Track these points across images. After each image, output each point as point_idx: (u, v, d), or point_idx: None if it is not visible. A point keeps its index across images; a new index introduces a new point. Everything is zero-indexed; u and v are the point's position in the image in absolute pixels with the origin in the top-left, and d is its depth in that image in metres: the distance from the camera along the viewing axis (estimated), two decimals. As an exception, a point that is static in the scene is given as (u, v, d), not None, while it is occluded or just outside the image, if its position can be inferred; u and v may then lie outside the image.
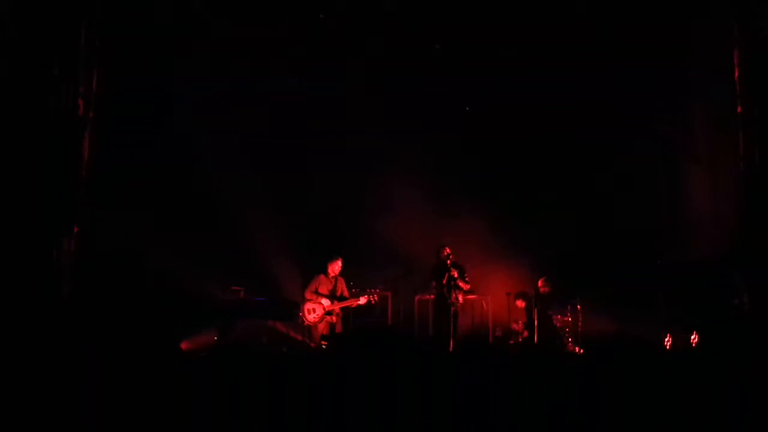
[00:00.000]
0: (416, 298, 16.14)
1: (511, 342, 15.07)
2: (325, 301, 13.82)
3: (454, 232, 15.12)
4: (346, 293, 14.06)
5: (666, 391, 6.10)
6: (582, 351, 13.88)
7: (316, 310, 13.87)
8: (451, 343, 13.71)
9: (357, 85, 16.07)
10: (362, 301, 13.95)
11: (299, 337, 14.42)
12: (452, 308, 14.05)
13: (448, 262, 14.16)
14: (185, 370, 6.16)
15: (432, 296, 14.78)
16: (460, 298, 14.28)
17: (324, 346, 13.00)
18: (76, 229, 11.27)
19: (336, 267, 14.13)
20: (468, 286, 14.43)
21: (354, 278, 14.61)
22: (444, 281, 14.13)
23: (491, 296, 15.90)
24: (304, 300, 14.02)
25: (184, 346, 10.70)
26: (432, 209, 16.00)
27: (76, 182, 11.37)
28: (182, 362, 6.54)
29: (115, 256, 12.92)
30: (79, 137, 11.42)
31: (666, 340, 13.12)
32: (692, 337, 12.40)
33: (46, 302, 10.50)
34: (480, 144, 16.99)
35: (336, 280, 14.11)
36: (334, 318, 13.91)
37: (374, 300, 14.14)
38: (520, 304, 15.30)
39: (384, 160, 17.03)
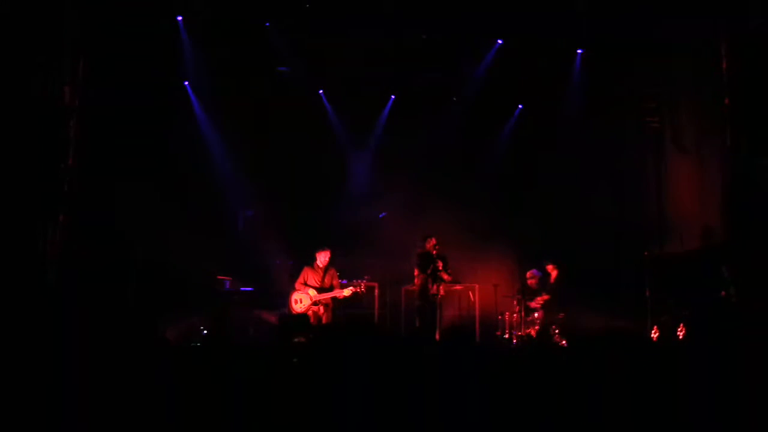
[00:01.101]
0: (403, 288, 16.11)
1: (498, 333, 15.06)
2: (312, 292, 13.80)
3: (442, 222, 15.07)
4: (335, 284, 14.00)
5: (652, 383, 6.08)
6: (565, 343, 13.88)
7: (302, 300, 13.85)
8: (437, 333, 13.71)
9: (344, 77, 16.11)
10: (347, 292, 13.91)
11: None
12: (436, 299, 14.07)
13: (434, 252, 14.16)
14: (171, 360, 6.12)
15: (416, 287, 14.71)
16: (441, 289, 14.24)
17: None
18: (61, 218, 11.22)
19: (324, 257, 14.09)
20: (450, 278, 14.42)
21: (340, 269, 14.57)
22: (429, 271, 14.12)
23: (478, 287, 15.88)
24: (293, 290, 14.01)
25: (169, 335, 10.64)
26: (420, 199, 15.97)
27: (62, 170, 11.32)
28: (168, 352, 6.50)
29: (102, 245, 12.86)
30: (64, 125, 11.36)
31: (653, 331, 13.12)
32: (679, 329, 12.41)
33: (31, 290, 10.44)
34: (469, 133, 17.03)
35: (326, 271, 14.07)
36: (321, 309, 13.88)
37: (361, 290, 14.09)
38: (532, 283, 15.18)
39: (372, 149, 17.07)
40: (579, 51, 15.81)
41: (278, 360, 6.46)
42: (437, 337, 13.56)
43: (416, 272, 14.52)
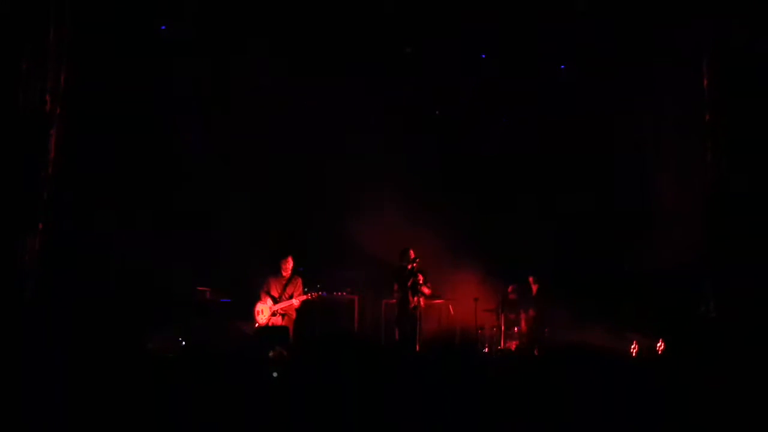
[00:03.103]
0: (383, 301, 16.07)
1: (478, 347, 15.05)
2: (269, 302, 13.80)
3: (422, 234, 15.06)
4: (296, 294, 13.91)
5: (631, 398, 6.10)
6: (540, 354, 13.90)
7: (263, 311, 13.82)
8: (417, 345, 13.71)
9: (325, 86, 16.08)
10: (296, 302, 13.83)
11: None
12: (416, 312, 14.05)
13: (414, 265, 14.14)
14: (150, 372, 6.10)
15: (395, 300, 14.68)
16: (422, 302, 14.23)
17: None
18: (40, 227, 11.15)
19: (287, 265, 14.04)
20: (430, 291, 14.40)
21: (320, 281, 14.53)
22: (409, 284, 14.10)
23: (457, 301, 15.83)
24: (257, 301, 13.99)
25: (149, 346, 10.59)
26: (400, 212, 15.93)
27: (42, 179, 11.25)
28: (147, 363, 6.47)
29: (81, 255, 12.78)
30: (45, 134, 11.31)
31: (632, 346, 13.16)
32: (658, 344, 12.45)
33: (9, 301, 10.39)
34: (450, 148, 17.05)
35: (289, 280, 14.00)
36: (280, 320, 13.78)
37: (312, 298, 13.95)
38: (513, 297, 15.29)
39: (352, 162, 17.03)
40: (562, 66, 15.86)
41: (255, 373, 6.44)
42: (417, 349, 13.60)
43: (395, 287, 14.47)
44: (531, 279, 15.23)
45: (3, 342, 6.55)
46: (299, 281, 14.01)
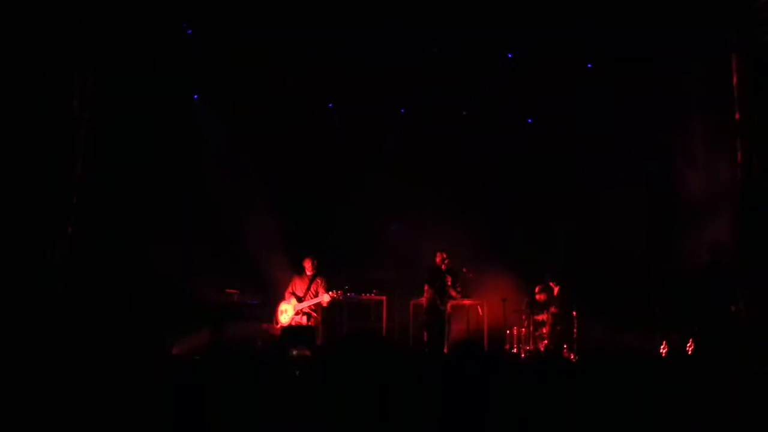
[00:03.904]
0: (411, 302, 16.06)
1: (506, 347, 15.02)
2: (293, 301, 13.77)
3: (452, 235, 15.03)
4: (321, 292, 13.84)
5: (661, 399, 6.04)
6: (576, 358, 13.80)
7: (287, 311, 13.80)
8: (446, 347, 13.71)
9: (352, 86, 16.05)
10: (326, 298, 13.68)
11: None
12: (444, 313, 14.06)
13: (443, 267, 14.15)
14: (177, 374, 6.09)
15: (424, 301, 14.69)
16: (448, 305, 14.23)
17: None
18: (69, 229, 11.22)
19: (310, 265, 14.00)
20: (458, 295, 14.39)
21: (350, 281, 14.52)
22: (437, 286, 14.12)
23: (486, 302, 15.79)
24: (281, 300, 13.98)
25: (176, 349, 10.60)
26: (430, 214, 15.93)
27: (71, 183, 11.32)
28: (174, 366, 6.48)
29: (109, 258, 12.83)
30: (73, 138, 11.37)
31: (662, 347, 13.07)
32: (688, 344, 12.34)
33: (39, 303, 10.45)
34: (478, 147, 17.02)
35: (312, 279, 13.96)
36: (303, 319, 13.73)
37: (338, 297, 13.86)
38: (541, 297, 15.20)
39: (381, 163, 17.05)
40: (589, 65, 15.77)
41: (279, 372, 6.43)
42: (445, 350, 13.58)
43: (426, 286, 14.52)
44: (551, 283, 15.18)
45: (32, 341, 6.58)
46: (322, 280, 13.96)
